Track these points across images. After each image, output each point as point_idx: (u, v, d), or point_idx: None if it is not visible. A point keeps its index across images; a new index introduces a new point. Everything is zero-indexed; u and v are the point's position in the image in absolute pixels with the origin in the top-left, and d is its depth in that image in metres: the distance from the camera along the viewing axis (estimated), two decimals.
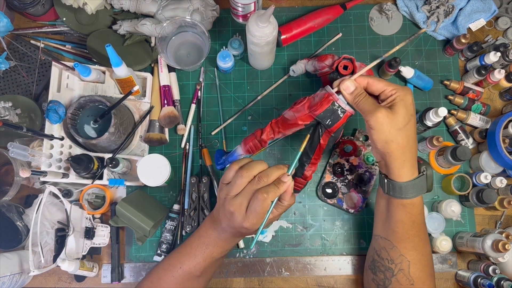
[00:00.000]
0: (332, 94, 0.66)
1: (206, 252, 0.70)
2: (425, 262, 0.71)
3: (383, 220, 0.74)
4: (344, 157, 0.91)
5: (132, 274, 0.90)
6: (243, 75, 0.97)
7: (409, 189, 0.67)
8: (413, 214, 0.70)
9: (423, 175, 0.68)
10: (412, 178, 0.67)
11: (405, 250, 0.70)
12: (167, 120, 0.91)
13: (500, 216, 0.92)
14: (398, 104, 0.64)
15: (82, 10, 0.90)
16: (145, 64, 0.94)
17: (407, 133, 0.64)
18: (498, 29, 0.97)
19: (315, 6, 0.98)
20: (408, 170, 0.67)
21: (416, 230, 0.71)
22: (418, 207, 0.70)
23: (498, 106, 0.96)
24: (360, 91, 0.66)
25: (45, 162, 0.85)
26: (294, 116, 0.68)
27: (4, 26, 0.79)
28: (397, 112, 0.63)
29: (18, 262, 0.83)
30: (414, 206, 0.69)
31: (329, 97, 0.66)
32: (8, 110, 0.84)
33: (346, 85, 0.66)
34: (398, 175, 0.67)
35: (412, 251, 0.70)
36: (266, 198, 0.61)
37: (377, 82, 0.66)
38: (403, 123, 0.64)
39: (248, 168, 0.64)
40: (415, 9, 0.95)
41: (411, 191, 0.68)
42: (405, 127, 0.64)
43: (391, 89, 0.65)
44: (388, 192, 0.70)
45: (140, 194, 0.90)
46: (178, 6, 0.90)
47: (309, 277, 0.90)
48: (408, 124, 0.64)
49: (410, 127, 0.65)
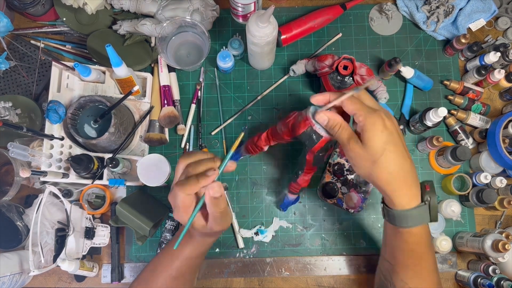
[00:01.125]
0: (309, 119, 0.62)
1: (182, 251, 0.65)
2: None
3: (385, 243, 0.69)
4: (344, 157, 0.91)
5: (132, 274, 0.90)
6: (243, 75, 0.97)
7: (404, 218, 0.60)
8: (410, 243, 0.62)
9: (424, 205, 0.60)
10: (410, 207, 0.59)
11: (406, 277, 0.64)
12: (167, 120, 0.91)
13: (500, 216, 0.92)
14: (366, 133, 0.56)
15: (82, 10, 0.90)
16: (145, 64, 0.94)
17: (386, 165, 0.56)
18: (498, 29, 0.97)
19: (315, 6, 0.98)
20: (403, 199, 0.59)
21: (416, 259, 0.63)
22: (416, 237, 0.62)
23: (498, 106, 0.96)
24: (334, 123, 0.59)
25: (45, 162, 0.85)
26: (281, 130, 0.67)
27: (4, 26, 0.79)
28: (366, 144, 0.56)
29: (18, 262, 0.83)
30: (412, 235, 0.61)
31: (306, 121, 0.63)
32: (8, 110, 0.84)
33: (319, 117, 0.60)
34: (391, 203, 0.60)
35: (414, 278, 0.64)
36: (177, 193, 0.53)
37: (350, 104, 0.58)
38: (377, 154, 0.56)
39: (185, 156, 0.58)
40: (415, 9, 0.95)
41: (407, 221, 0.60)
42: (380, 159, 0.56)
43: (360, 115, 0.57)
44: (383, 216, 0.65)
45: (140, 194, 0.90)
46: (178, 6, 0.90)
47: (309, 277, 0.90)
48: (384, 154, 0.56)
49: (389, 157, 0.56)
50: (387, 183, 0.58)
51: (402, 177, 0.58)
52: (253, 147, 0.74)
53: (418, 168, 0.93)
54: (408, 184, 0.59)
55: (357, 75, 0.81)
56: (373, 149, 0.56)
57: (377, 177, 0.58)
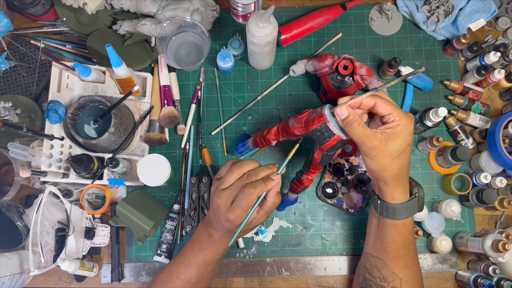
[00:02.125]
0: (324, 115, 0.63)
1: (199, 257, 0.71)
2: (416, 279, 0.73)
3: (374, 239, 0.76)
4: (344, 157, 0.91)
5: (132, 274, 0.90)
6: (243, 75, 0.97)
7: (401, 210, 0.68)
8: (405, 233, 0.71)
9: (415, 197, 0.69)
10: (405, 200, 0.68)
11: (397, 268, 0.72)
12: (167, 120, 0.91)
13: (500, 216, 0.92)
14: (398, 133, 0.62)
15: (82, 10, 0.90)
16: (145, 64, 0.94)
17: (401, 162, 0.63)
18: (498, 29, 0.97)
19: (315, 6, 0.98)
20: (400, 193, 0.68)
21: (407, 249, 0.72)
22: (409, 227, 0.71)
23: (498, 106, 0.96)
24: (353, 119, 0.61)
25: (45, 162, 0.85)
26: (293, 126, 0.68)
27: (4, 26, 0.79)
28: (394, 142, 0.62)
29: (18, 262, 0.83)
30: (406, 226, 0.71)
31: (321, 118, 0.64)
32: (8, 110, 0.84)
33: (339, 111, 0.62)
34: (391, 197, 0.68)
35: (403, 269, 0.72)
36: (252, 193, 0.63)
37: (385, 105, 0.62)
38: (398, 153, 0.62)
39: (239, 165, 0.66)
40: (415, 9, 0.95)
41: (404, 213, 0.69)
42: (399, 157, 0.63)
43: (396, 115, 0.62)
44: (381, 212, 0.71)
45: (140, 194, 0.90)
46: (178, 6, 0.90)
47: (309, 277, 0.90)
48: (403, 153, 0.63)
49: (405, 156, 0.64)
50: (395, 178, 0.65)
51: (405, 173, 0.67)
52: (261, 140, 0.75)
53: (418, 168, 0.93)
54: (406, 179, 0.68)
55: (357, 75, 0.81)
56: (398, 147, 0.62)
57: (391, 172, 0.64)
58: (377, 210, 0.72)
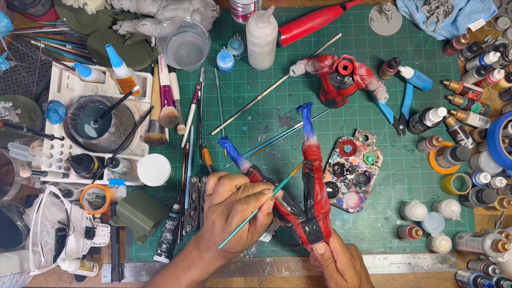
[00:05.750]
0: (308, 245, 0.69)
1: (187, 273, 0.70)
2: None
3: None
4: (344, 157, 0.91)
5: (132, 274, 0.90)
6: (243, 75, 0.97)
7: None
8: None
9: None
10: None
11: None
12: (167, 120, 0.91)
13: (499, 216, 0.92)
14: (347, 272, 0.69)
15: (82, 10, 0.90)
16: (145, 64, 0.94)
17: (361, 278, 0.72)
18: (498, 29, 0.97)
19: (315, 7, 0.98)
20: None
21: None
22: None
23: (498, 106, 0.96)
24: (328, 256, 0.69)
25: (45, 162, 0.85)
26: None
27: (5, 26, 0.79)
28: (348, 281, 0.69)
29: (19, 262, 0.83)
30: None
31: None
32: (9, 110, 0.84)
33: (318, 246, 0.69)
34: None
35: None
36: (245, 209, 0.62)
37: (339, 249, 0.70)
38: (357, 277, 0.70)
39: (230, 177, 0.66)
40: (414, 9, 0.96)
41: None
42: (359, 277, 0.71)
43: (339, 257, 0.70)
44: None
45: (140, 194, 0.90)
46: (178, 7, 0.90)
47: (309, 277, 0.90)
48: (361, 274, 0.72)
49: (362, 272, 0.73)
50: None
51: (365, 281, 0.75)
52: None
53: (418, 168, 0.93)
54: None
55: (357, 75, 0.81)
56: (352, 282, 0.69)
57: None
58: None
